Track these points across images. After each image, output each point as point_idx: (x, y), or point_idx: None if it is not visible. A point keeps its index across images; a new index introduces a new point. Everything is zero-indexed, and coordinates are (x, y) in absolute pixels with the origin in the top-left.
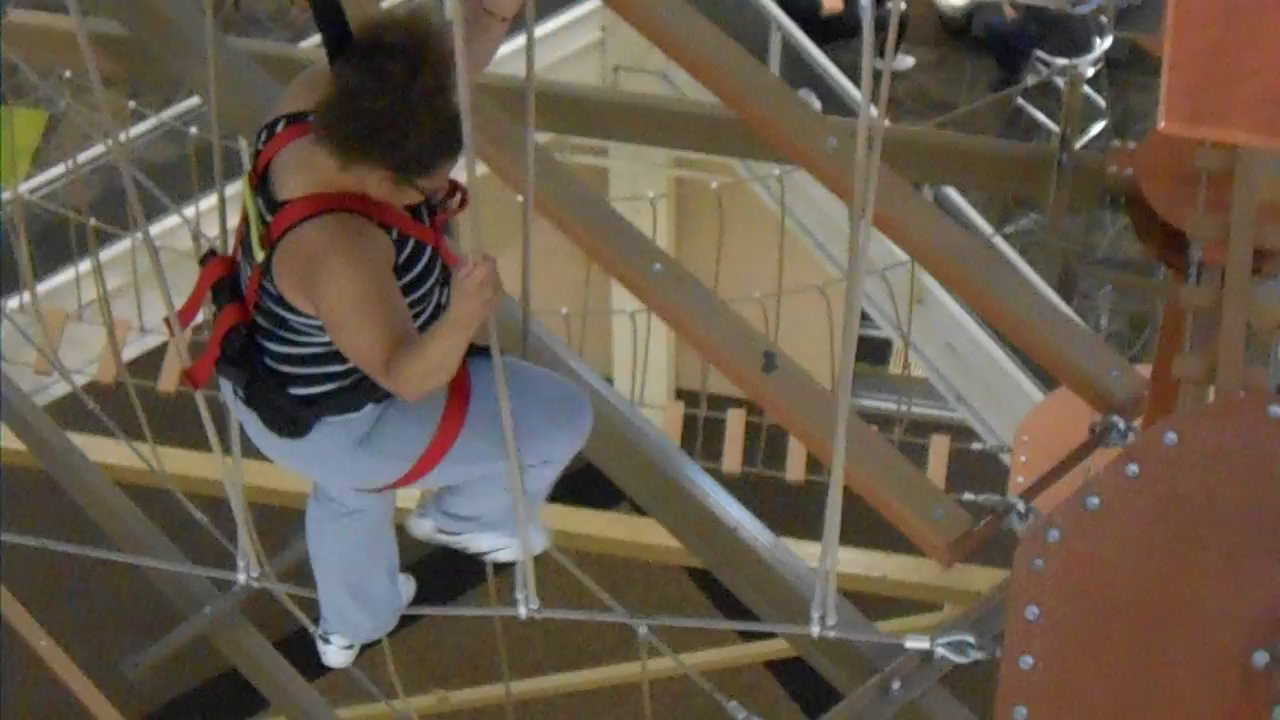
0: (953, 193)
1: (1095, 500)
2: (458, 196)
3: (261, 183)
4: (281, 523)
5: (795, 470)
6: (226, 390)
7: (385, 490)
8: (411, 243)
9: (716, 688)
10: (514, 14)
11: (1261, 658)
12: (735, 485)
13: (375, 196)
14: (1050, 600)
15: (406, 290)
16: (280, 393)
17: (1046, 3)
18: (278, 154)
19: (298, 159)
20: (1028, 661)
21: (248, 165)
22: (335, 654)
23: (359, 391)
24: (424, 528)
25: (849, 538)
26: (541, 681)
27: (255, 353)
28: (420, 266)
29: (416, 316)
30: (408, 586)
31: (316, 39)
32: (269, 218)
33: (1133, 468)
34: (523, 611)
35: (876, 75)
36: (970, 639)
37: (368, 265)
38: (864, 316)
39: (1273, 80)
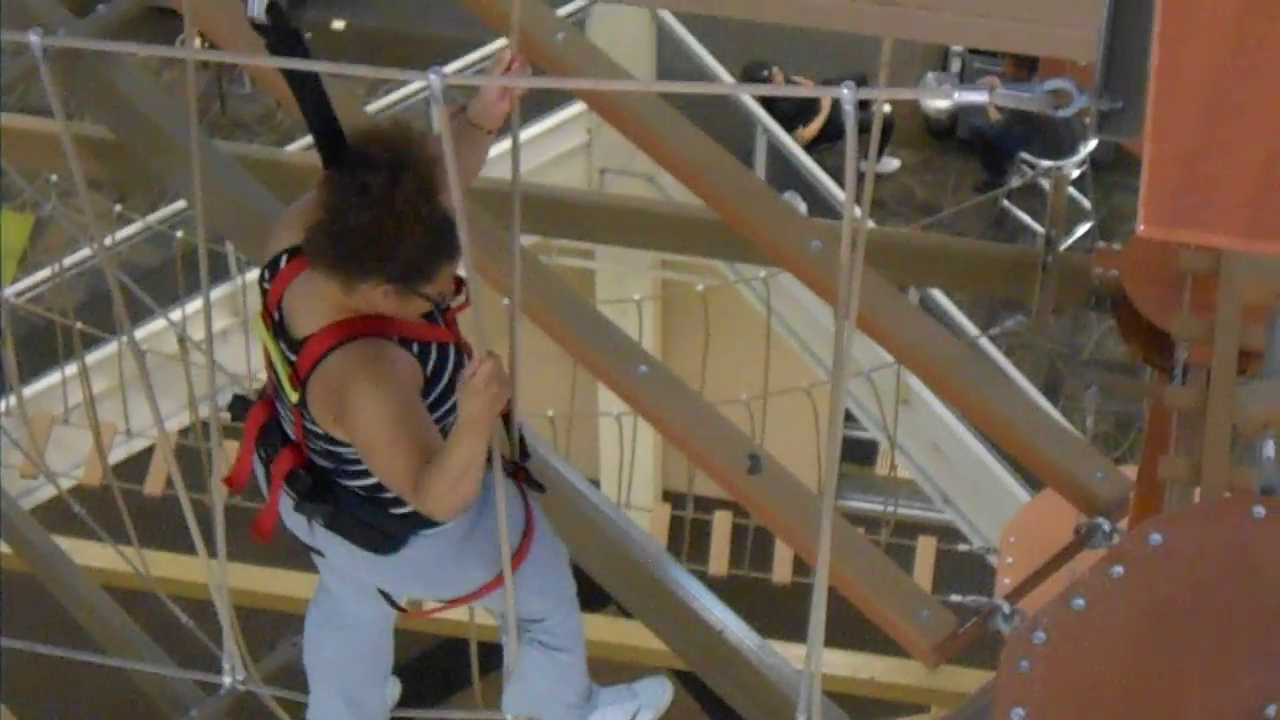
0: (939, 294)
1: (1080, 601)
2: (463, 293)
3: (279, 323)
4: (268, 626)
5: (782, 572)
6: (295, 524)
7: (467, 600)
8: (434, 350)
9: None
10: (500, 127)
11: None
12: (722, 587)
13: (386, 312)
14: (1036, 702)
15: (441, 399)
16: (377, 514)
17: (1029, 106)
18: (285, 290)
19: (305, 291)
20: None
21: (257, 303)
22: None
23: None
24: None
25: (836, 639)
26: None
27: (329, 485)
28: (448, 371)
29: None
30: (393, 689)
31: (304, 142)
32: (293, 358)
33: (1118, 569)
34: (509, 717)
35: (861, 177)
36: None
37: (391, 389)
38: (850, 418)
39: (1251, 184)
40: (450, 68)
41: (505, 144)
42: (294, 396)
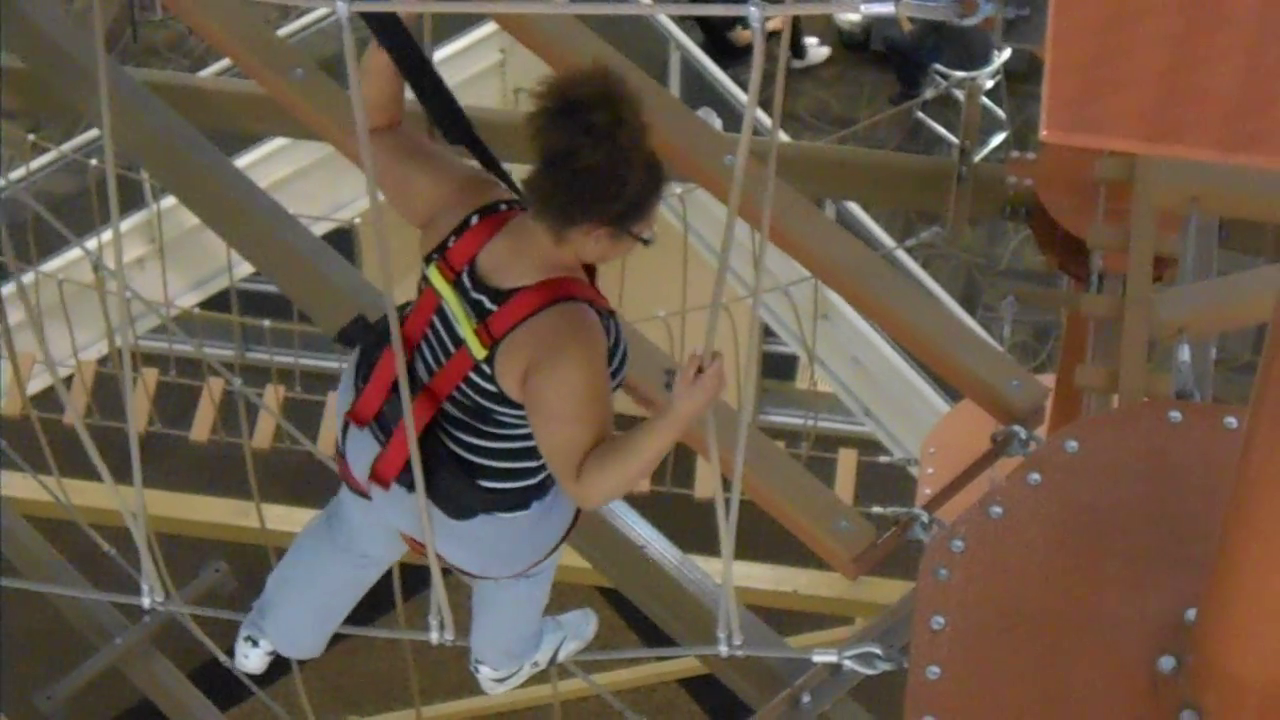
0: (855, 207)
1: (998, 509)
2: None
3: (469, 278)
4: (191, 554)
5: (704, 488)
6: (354, 459)
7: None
8: (613, 320)
9: (630, 707)
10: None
11: (1167, 662)
12: (645, 504)
13: (592, 259)
14: (956, 610)
15: (616, 371)
16: (464, 481)
17: (935, 16)
18: (484, 247)
19: (510, 247)
20: (935, 671)
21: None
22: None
23: (538, 491)
24: (257, 660)
25: (759, 553)
26: (454, 705)
27: (435, 437)
28: (618, 344)
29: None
30: None
31: (216, 67)
32: (493, 307)
33: (1034, 476)
34: (434, 638)
35: (771, 88)
36: (877, 651)
37: (597, 363)
38: (769, 333)
39: (1152, 88)
40: None
41: None
42: (480, 353)
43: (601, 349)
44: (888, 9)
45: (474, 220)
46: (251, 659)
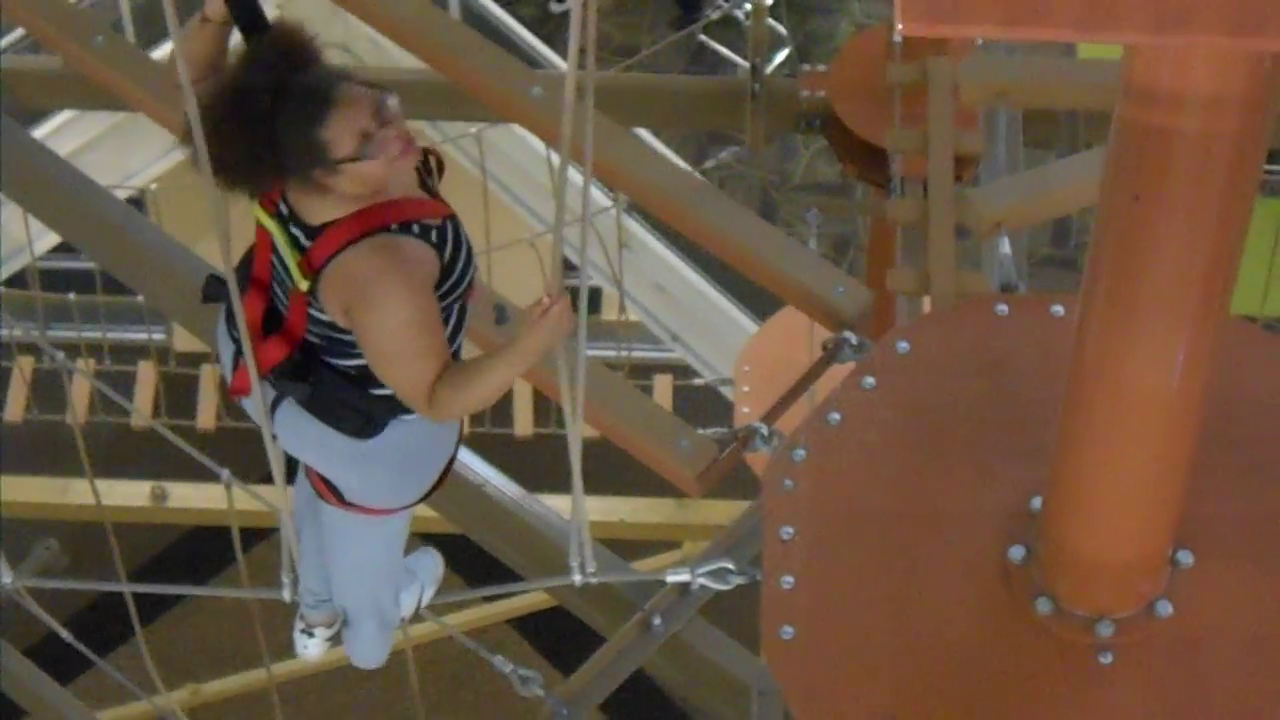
0: (646, 134)
1: (836, 416)
2: (433, 160)
3: (288, 210)
4: (22, 534)
5: (523, 425)
6: (253, 404)
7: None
8: (450, 229)
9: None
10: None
11: (1018, 551)
12: (466, 445)
13: (355, 191)
14: (804, 519)
15: (457, 282)
16: (357, 393)
17: None
18: None
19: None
20: (789, 581)
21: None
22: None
23: None
24: (315, 649)
25: (585, 487)
26: (297, 661)
27: (314, 365)
28: (462, 251)
29: (457, 298)
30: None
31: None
32: (306, 243)
33: (869, 380)
34: (287, 595)
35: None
36: (730, 565)
37: (418, 295)
38: (573, 267)
39: None
40: None
41: None
42: (303, 285)
43: (421, 276)
44: None
45: None
46: (311, 648)
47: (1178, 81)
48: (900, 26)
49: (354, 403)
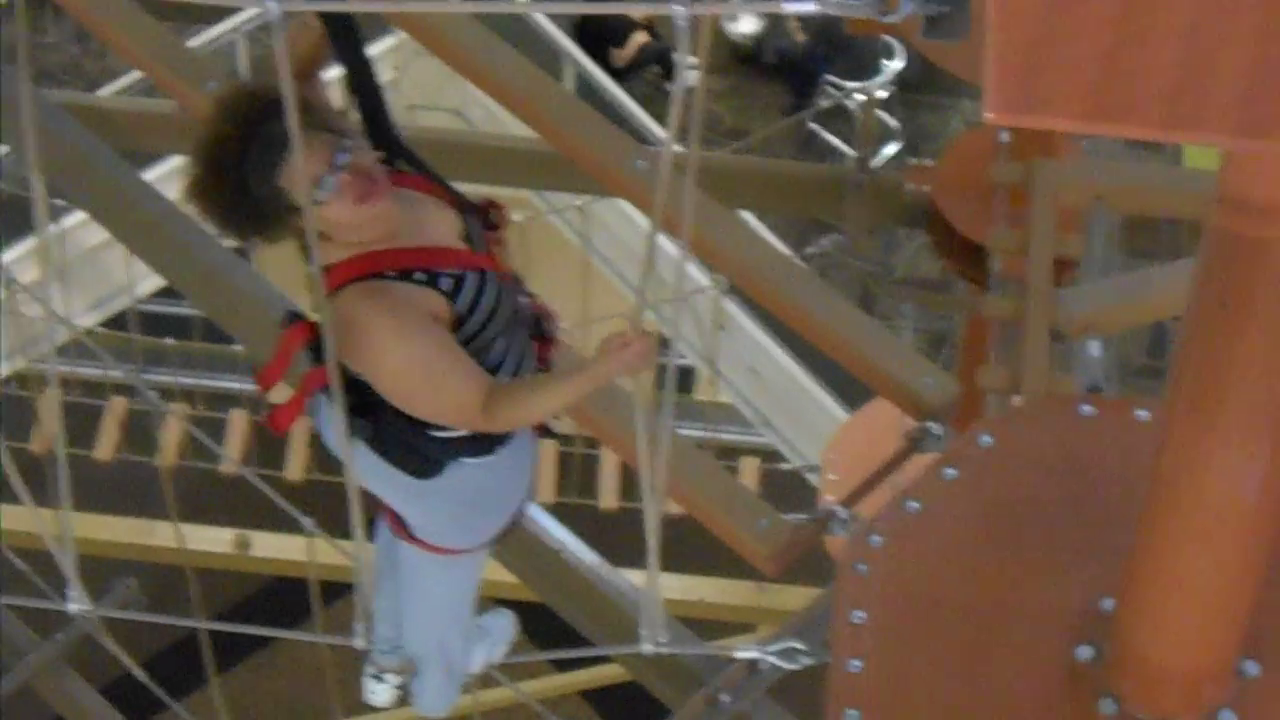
0: (750, 218)
1: (915, 504)
2: (495, 214)
3: None
4: (97, 574)
5: (609, 498)
6: (337, 437)
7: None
8: (469, 279)
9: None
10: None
11: (1085, 651)
12: (549, 515)
13: (348, 233)
14: (876, 603)
15: (483, 328)
16: (415, 433)
17: (856, 13)
18: None
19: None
20: (856, 665)
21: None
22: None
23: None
24: (384, 694)
25: (664, 563)
26: (375, 718)
27: (376, 403)
28: (487, 300)
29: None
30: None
31: (112, 87)
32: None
33: (950, 471)
34: (361, 643)
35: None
36: (799, 645)
37: (404, 339)
38: (668, 344)
39: (1093, 68)
40: None
41: None
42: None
43: (414, 316)
44: (810, 8)
45: None
46: (380, 693)
47: (1270, 190)
48: (987, 115)
49: (412, 443)
